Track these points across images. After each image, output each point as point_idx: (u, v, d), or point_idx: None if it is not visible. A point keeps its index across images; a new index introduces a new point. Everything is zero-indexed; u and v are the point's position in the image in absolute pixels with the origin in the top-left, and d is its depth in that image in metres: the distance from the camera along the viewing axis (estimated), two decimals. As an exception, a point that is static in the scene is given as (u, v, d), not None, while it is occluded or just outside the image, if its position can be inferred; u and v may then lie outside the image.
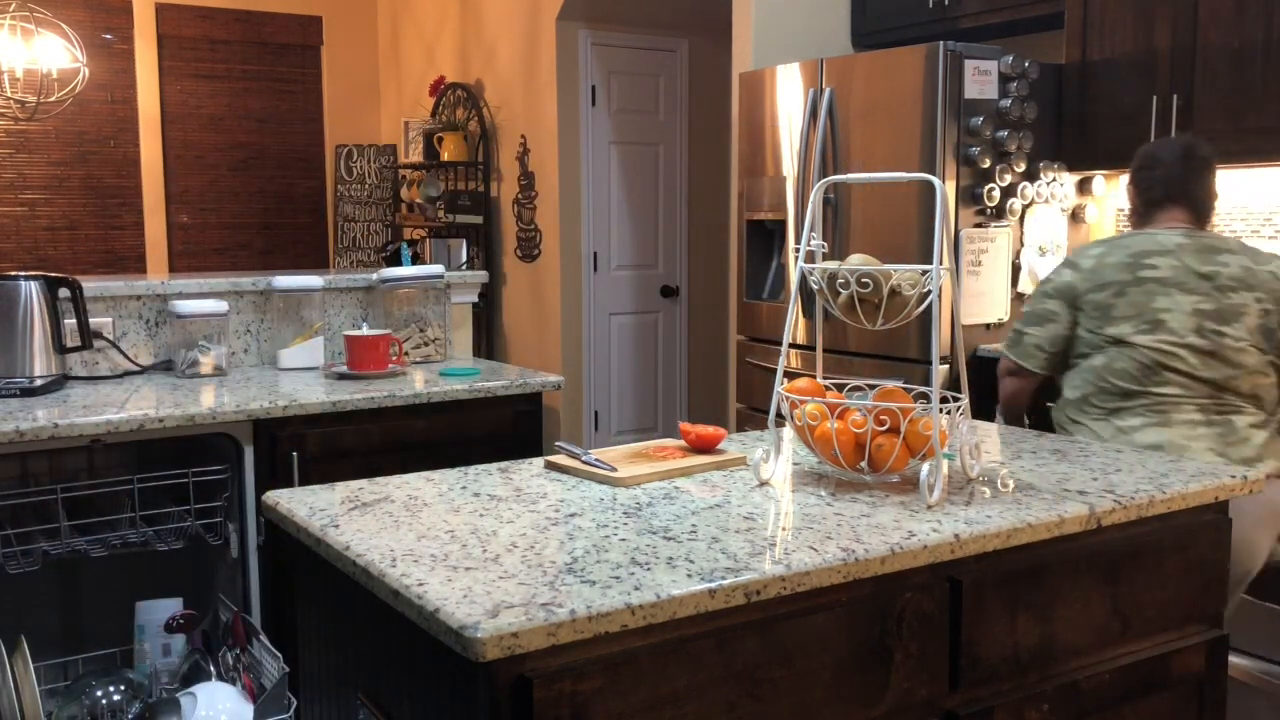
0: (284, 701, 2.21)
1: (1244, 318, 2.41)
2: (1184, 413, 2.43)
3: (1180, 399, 2.43)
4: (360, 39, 7.50)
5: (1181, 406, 2.43)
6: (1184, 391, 2.43)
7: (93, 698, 2.52)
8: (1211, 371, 2.42)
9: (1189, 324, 2.42)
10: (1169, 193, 2.60)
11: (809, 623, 1.38)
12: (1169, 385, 2.44)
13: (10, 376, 2.74)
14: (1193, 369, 2.42)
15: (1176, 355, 2.43)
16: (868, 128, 3.70)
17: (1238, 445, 2.40)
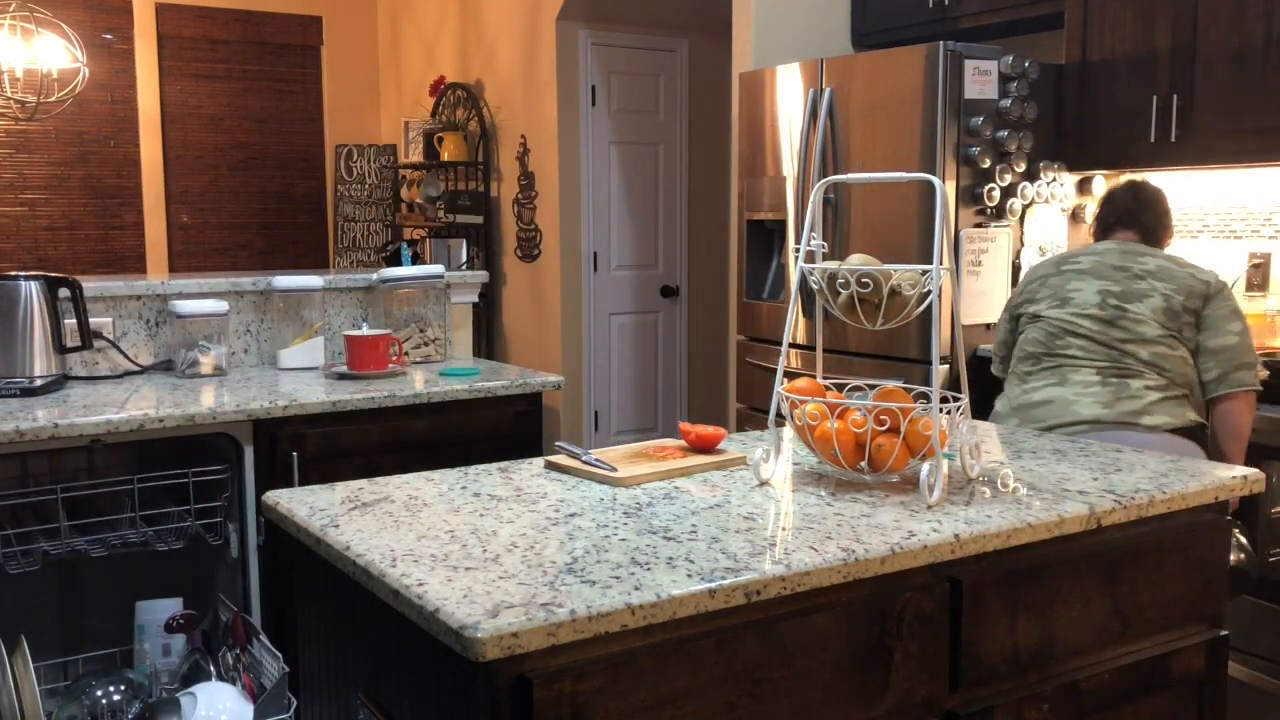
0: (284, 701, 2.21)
1: (1148, 299, 2.63)
2: (1081, 374, 2.64)
3: (1080, 361, 2.65)
4: (360, 39, 7.50)
5: (1080, 369, 2.64)
6: (1084, 355, 2.65)
7: (93, 698, 2.52)
8: (1109, 336, 2.63)
9: (1094, 299, 2.67)
10: (1120, 218, 2.84)
11: (809, 623, 1.38)
12: (1070, 349, 2.67)
13: (10, 376, 2.74)
14: (1092, 334, 2.64)
15: (1078, 324, 2.66)
16: (868, 128, 3.70)
17: (1126, 401, 2.57)
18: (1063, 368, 2.67)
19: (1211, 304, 2.61)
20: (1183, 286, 2.63)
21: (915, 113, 3.53)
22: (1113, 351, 2.62)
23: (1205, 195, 3.73)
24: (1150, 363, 2.59)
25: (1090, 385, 2.61)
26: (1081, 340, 2.66)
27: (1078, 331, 2.67)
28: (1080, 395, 2.60)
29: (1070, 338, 2.67)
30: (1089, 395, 2.60)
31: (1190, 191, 3.77)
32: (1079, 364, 2.65)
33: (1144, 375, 2.59)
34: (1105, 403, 2.57)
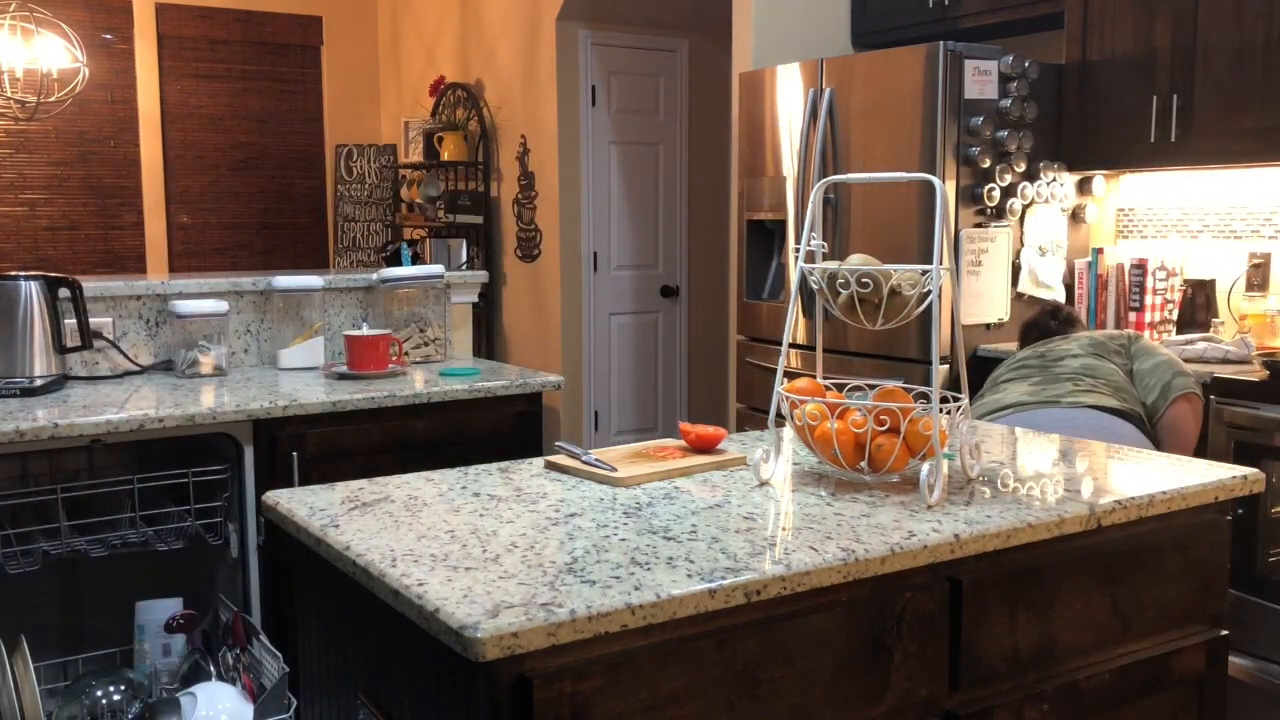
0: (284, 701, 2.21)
1: (1076, 341, 2.87)
2: (1015, 385, 2.81)
3: (1015, 382, 2.85)
4: (360, 39, 7.50)
5: (1015, 385, 2.82)
6: (1018, 378, 2.84)
7: (93, 698, 2.52)
8: (1041, 363, 2.84)
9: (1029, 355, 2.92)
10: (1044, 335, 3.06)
11: (809, 623, 1.38)
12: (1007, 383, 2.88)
13: (10, 376, 2.74)
14: (1029, 366, 2.86)
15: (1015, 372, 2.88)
16: (868, 128, 3.70)
17: (1051, 388, 2.72)
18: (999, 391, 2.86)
19: (1134, 344, 2.84)
20: (1102, 334, 2.90)
21: (915, 113, 3.53)
22: (1046, 371, 2.81)
23: (1205, 195, 3.73)
24: (1079, 371, 2.77)
25: (1020, 386, 2.79)
26: (1017, 374, 2.87)
27: (1014, 378, 2.87)
28: (1009, 393, 2.79)
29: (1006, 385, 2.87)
30: (1017, 391, 2.77)
31: (1190, 191, 3.77)
32: (1014, 383, 2.84)
33: (1074, 380, 2.74)
34: (1031, 392, 2.74)
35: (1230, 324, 3.58)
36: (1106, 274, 3.70)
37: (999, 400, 2.81)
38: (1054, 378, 2.78)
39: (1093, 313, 3.74)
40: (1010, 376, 2.90)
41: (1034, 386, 2.78)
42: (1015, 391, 2.80)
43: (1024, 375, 2.86)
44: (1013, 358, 2.97)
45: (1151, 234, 3.89)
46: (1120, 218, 3.98)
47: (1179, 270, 3.64)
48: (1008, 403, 2.75)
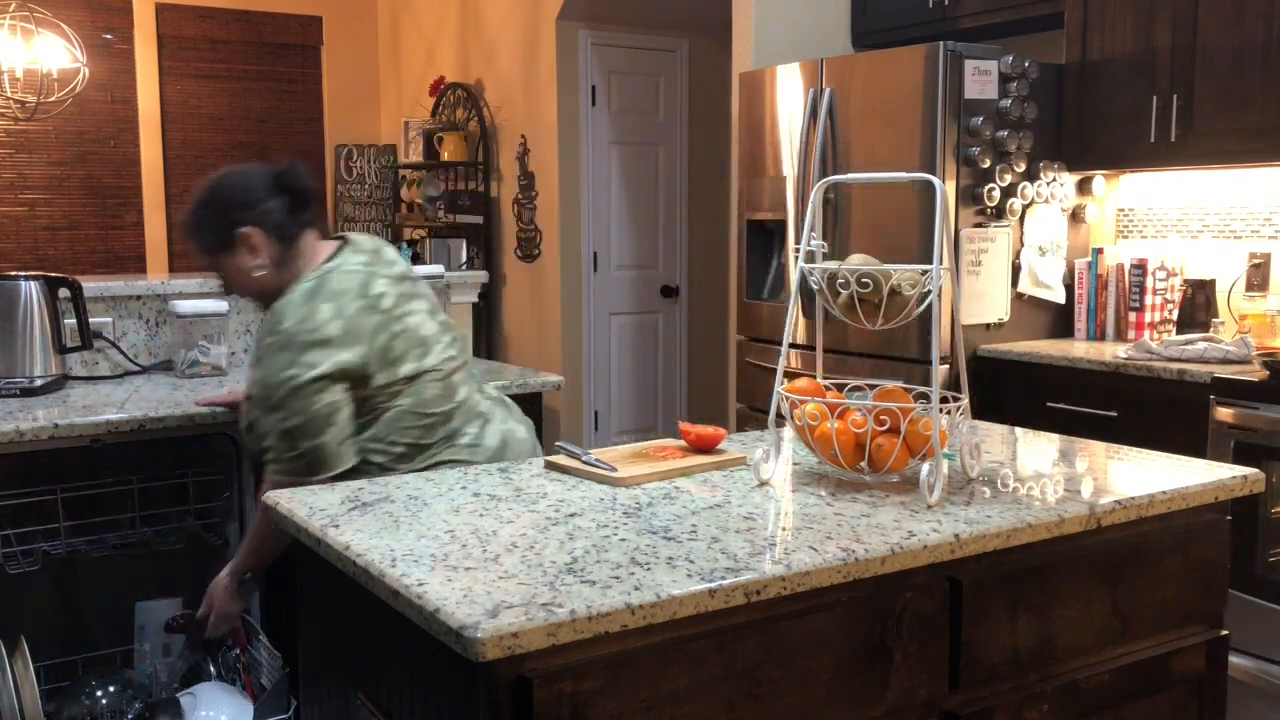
0: (284, 701, 2.21)
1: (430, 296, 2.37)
2: (486, 402, 2.35)
3: (472, 393, 2.32)
4: (360, 39, 7.50)
5: (479, 399, 2.33)
6: (470, 384, 2.33)
7: (93, 698, 2.52)
8: (464, 355, 2.36)
9: (434, 326, 2.28)
10: (310, 217, 2.30)
11: (809, 623, 1.38)
12: (462, 386, 2.29)
13: (10, 376, 2.74)
14: (458, 361, 2.31)
15: (449, 359, 2.28)
16: (868, 128, 3.70)
17: (515, 408, 2.42)
18: (472, 406, 2.31)
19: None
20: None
21: (915, 113, 3.52)
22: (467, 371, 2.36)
23: (1205, 195, 3.73)
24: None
25: (495, 405, 2.38)
26: (460, 373, 2.31)
27: (455, 368, 2.30)
28: (511, 419, 2.38)
29: (454, 377, 2.29)
30: (511, 413, 2.41)
31: (1190, 191, 3.77)
32: (475, 395, 2.35)
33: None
34: (517, 415, 2.40)
35: (1230, 324, 3.58)
36: (1106, 274, 3.70)
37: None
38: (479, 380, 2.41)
39: (1093, 313, 3.74)
40: (419, 324, 2.26)
41: (502, 403, 2.39)
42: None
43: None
44: (360, 270, 2.23)
45: (1151, 234, 3.89)
46: (1120, 218, 3.98)
47: (1179, 270, 3.64)
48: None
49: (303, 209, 2.24)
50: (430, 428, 2.20)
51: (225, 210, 2.20)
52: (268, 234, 2.20)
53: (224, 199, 2.22)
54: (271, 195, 2.21)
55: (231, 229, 2.19)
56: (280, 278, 2.21)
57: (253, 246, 2.20)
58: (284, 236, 2.21)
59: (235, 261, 2.23)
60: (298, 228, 2.23)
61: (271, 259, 2.21)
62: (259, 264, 2.21)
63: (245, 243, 2.20)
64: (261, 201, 2.20)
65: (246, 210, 2.19)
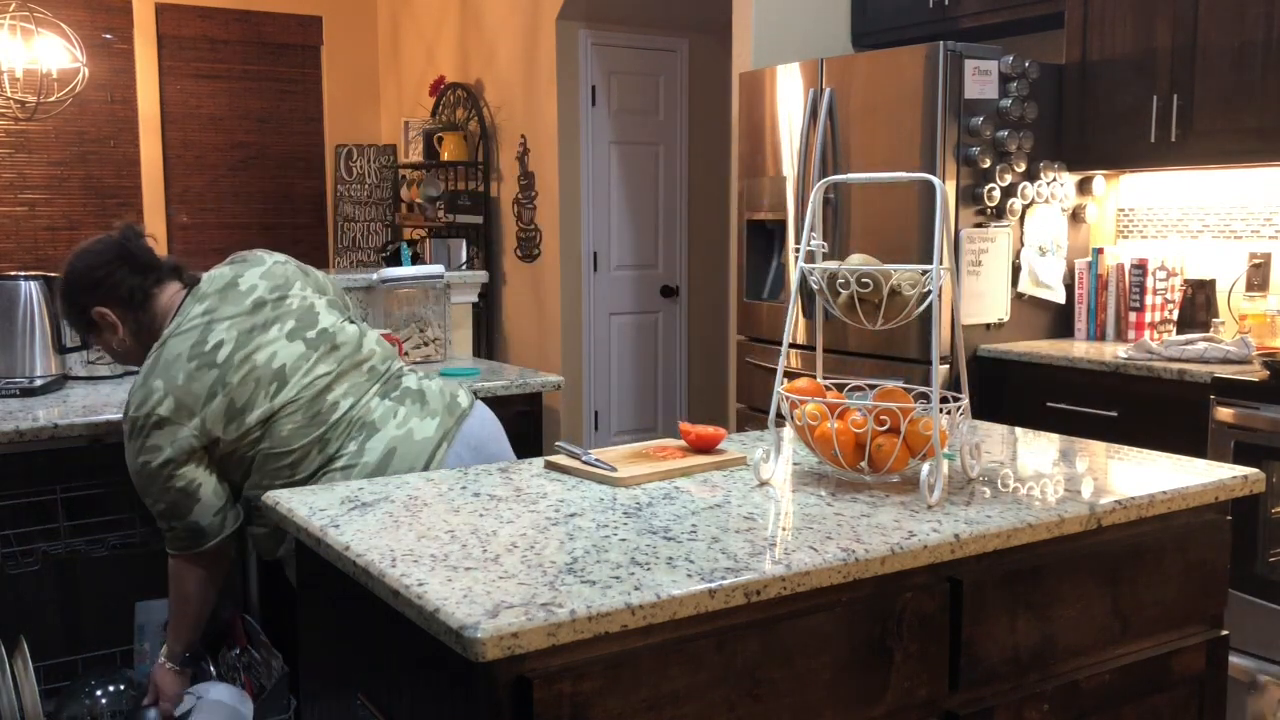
0: (284, 701, 2.21)
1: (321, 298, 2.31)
2: (383, 405, 2.24)
3: (359, 401, 2.22)
4: (360, 39, 7.50)
5: (372, 405, 2.23)
6: (359, 390, 2.23)
7: (93, 698, 2.51)
8: (350, 359, 2.25)
9: (296, 349, 2.19)
10: (158, 276, 2.27)
11: (809, 623, 1.38)
12: (344, 399, 2.20)
13: (10, 376, 2.74)
14: (332, 375, 2.21)
15: (317, 378, 2.19)
16: (868, 128, 3.70)
17: (435, 397, 2.29)
18: (355, 420, 2.23)
19: None
20: (307, 278, 2.36)
21: (915, 113, 3.52)
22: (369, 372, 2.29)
23: (1205, 195, 3.73)
24: (388, 356, 2.37)
25: (396, 410, 2.27)
26: (341, 385, 2.24)
27: (328, 385, 2.22)
28: (408, 425, 2.25)
29: (329, 395, 2.22)
30: (410, 419, 2.27)
31: (1190, 191, 3.77)
32: (364, 405, 2.26)
33: (402, 373, 2.37)
34: (434, 411, 2.28)
35: (1230, 324, 3.58)
36: (1106, 274, 3.70)
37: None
38: (386, 377, 2.30)
39: (1093, 313, 3.74)
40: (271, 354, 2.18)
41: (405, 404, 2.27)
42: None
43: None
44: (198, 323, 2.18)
45: (1151, 234, 3.89)
46: (1120, 218, 3.98)
47: (1179, 270, 3.64)
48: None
49: (147, 274, 2.24)
50: (296, 464, 2.15)
51: (77, 297, 2.24)
52: (119, 308, 2.23)
53: (74, 287, 2.25)
54: (115, 268, 2.22)
55: (86, 312, 2.24)
56: (147, 341, 2.23)
57: (110, 323, 2.24)
58: (134, 303, 2.23)
59: (103, 338, 2.28)
60: (144, 294, 2.23)
61: (130, 330, 2.25)
62: (120, 337, 2.25)
63: (103, 320, 2.24)
64: (106, 280, 2.22)
65: (93, 292, 2.22)
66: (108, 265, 2.23)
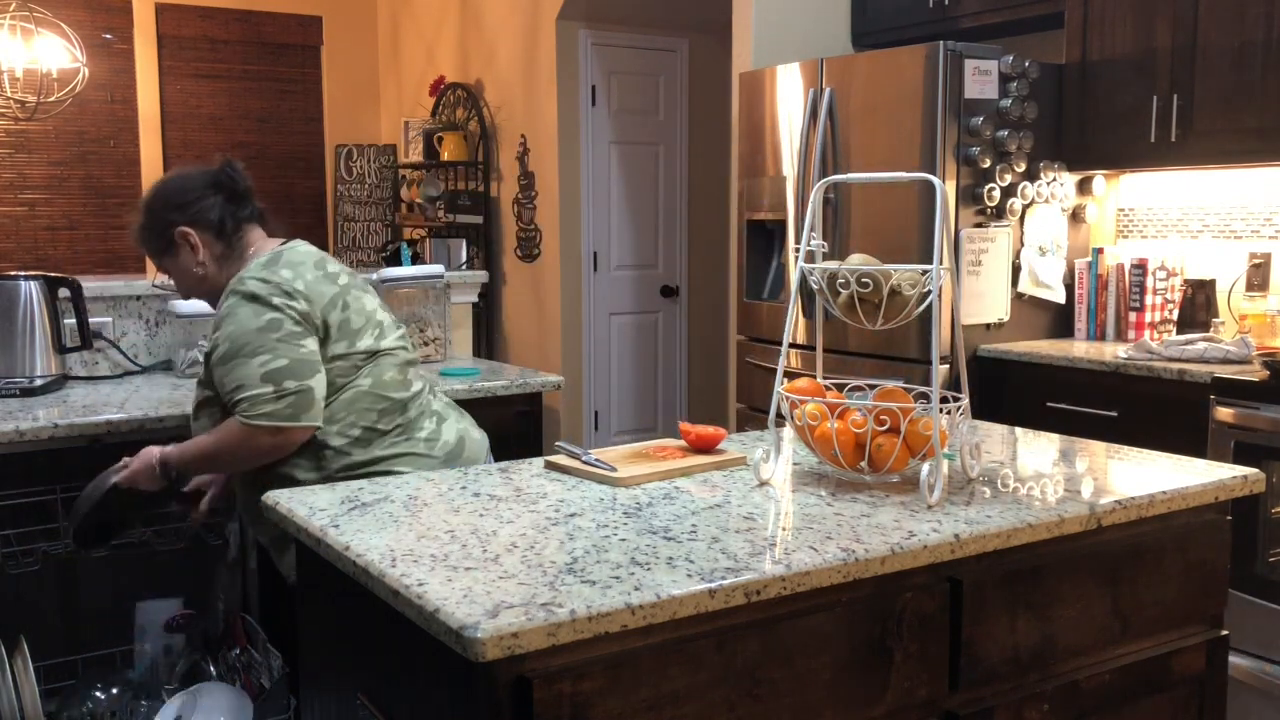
0: (284, 701, 2.21)
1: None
2: (439, 403, 2.37)
3: (425, 390, 2.35)
4: (360, 39, 7.50)
5: (433, 399, 2.36)
6: (423, 382, 2.36)
7: (93, 698, 2.52)
8: (416, 354, 2.40)
9: (389, 317, 2.34)
10: (251, 213, 2.36)
11: (809, 623, 1.38)
12: (416, 380, 2.33)
13: (10, 376, 2.74)
14: (412, 355, 2.36)
15: (404, 348, 2.32)
16: (868, 128, 3.70)
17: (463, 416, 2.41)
18: (426, 401, 2.33)
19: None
20: None
21: (915, 113, 3.52)
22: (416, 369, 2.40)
23: (1205, 195, 3.73)
24: None
25: (449, 406, 2.42)
26: (414, 369, 2.35)
27: (410, 360, 2.34)
28: (465, 421, 2.40)
29: (410, 369, 2.33)
30: (464, 417, 2.42)
31: (1190, 191, 3.77)
32: (427, 391, 2.37)
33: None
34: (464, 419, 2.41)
35: (1230, 324, 3.58)
36: (1107, 274, 3.70)
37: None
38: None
39: (1093, 313, 3.74)
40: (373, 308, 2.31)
41: (454, 405, 2.41)
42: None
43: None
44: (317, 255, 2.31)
45: (1152, 234, 3.89)
46: (1120, 218, 3.98)
47: (1179, 270, 3.64)
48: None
49: (241, 205, 2.30)
50: (387, 413, 2.22)
51: (162, 213, 2.26)
52: (206, 232, 2.25)
53: (161, 203, 2.27)
54: (208, 195, 2.26)
55: (169, 230, 2.25)
56: (227, 272, 2.26)
57: (192, 245, 2.25)
58: (223, 233, 2.27)
59: (179, 262, 2.28)
60: (236, 223, 2.28)
61: (213, 256, 2.27)
62: (200, 261, 2.27)
63: (185, 242, 2.25)
64: (197, 202, 2.26)
65: (181, 211, 2.25)
66: (201, 189, 2.27)
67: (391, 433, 2.22)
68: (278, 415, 2.08)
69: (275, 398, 2.08)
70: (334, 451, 2.17)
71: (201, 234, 2.25)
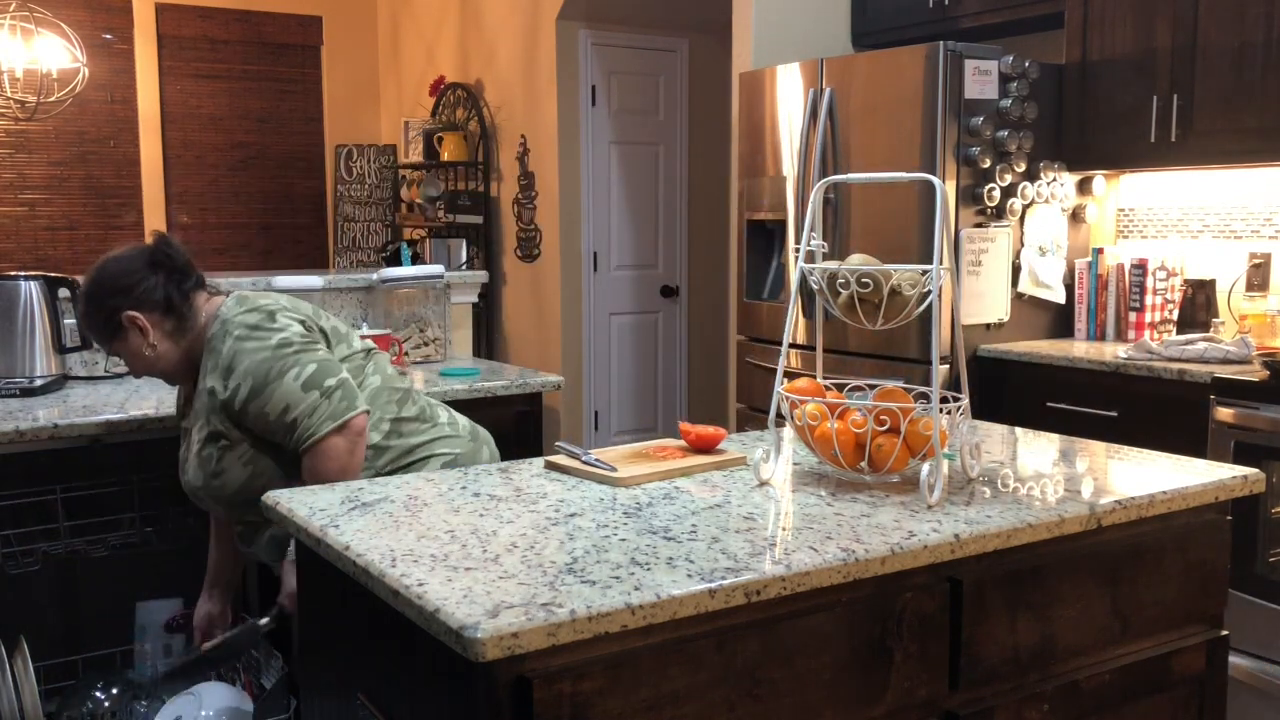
0: (284, 701, 2.21)
1: None
2: (436, 403, 2.45)
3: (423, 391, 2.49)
4: (360, 39, 7.50)
5: (431, 399, 2.46)
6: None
7: (93, 698, 2.51)
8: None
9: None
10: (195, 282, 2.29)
11: (809, 623, 1.38)
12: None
13: (10, 376, 2.74)
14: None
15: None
16: (868, 128, 3.70)
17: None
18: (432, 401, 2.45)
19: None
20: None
21: (915, 113, 3.52)
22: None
23: (1205, 195, 3.73)
24: None
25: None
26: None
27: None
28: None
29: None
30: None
31: (1190, 191, 3.77)
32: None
33: None
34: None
35: (1230, 324, 3.58)
36: (1107, 274, 3.70)
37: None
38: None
39: (1093, 313, 3.74)
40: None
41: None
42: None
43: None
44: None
45: (1151, 234, 3.89)
46: (1120, 218, 3.98)
47: (1179, 270, 3.64)
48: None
49: (184, 279, 2.26)
50: (402, 401, 2.32)
51: (107, 300, 2.22)
52: (153, 312, 2.22)
53: (103, 291, 2.23)
54: (148, 275, 2.23)
55: (115, 316, 2.21)
56: (183, 345, 2.24)
57: (141, 328, 2.22)
58: (171, 309, 2.23)
59: (129, 344, 2.24)
60: (183, 296, 2.24)
61: (164, 333, 2.23)
62: (150, 343, 2.23)
63: (133, 325, 2.21)
64: (140, 284, 2.22)
65: (125, 295, 2.21)
66: (141, 270, 2.23)
67: (415, 419, 2.31)
68: (336, 413, 2.12)
69: (324, 397, 2.12)
70: (375, 450, 2.23)
71: (149, 315, 2.21)
